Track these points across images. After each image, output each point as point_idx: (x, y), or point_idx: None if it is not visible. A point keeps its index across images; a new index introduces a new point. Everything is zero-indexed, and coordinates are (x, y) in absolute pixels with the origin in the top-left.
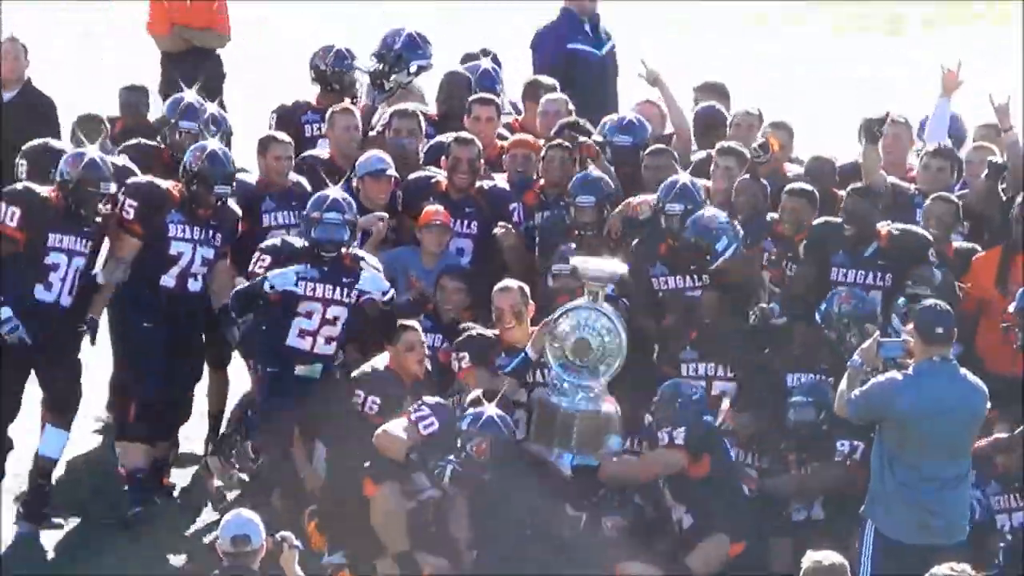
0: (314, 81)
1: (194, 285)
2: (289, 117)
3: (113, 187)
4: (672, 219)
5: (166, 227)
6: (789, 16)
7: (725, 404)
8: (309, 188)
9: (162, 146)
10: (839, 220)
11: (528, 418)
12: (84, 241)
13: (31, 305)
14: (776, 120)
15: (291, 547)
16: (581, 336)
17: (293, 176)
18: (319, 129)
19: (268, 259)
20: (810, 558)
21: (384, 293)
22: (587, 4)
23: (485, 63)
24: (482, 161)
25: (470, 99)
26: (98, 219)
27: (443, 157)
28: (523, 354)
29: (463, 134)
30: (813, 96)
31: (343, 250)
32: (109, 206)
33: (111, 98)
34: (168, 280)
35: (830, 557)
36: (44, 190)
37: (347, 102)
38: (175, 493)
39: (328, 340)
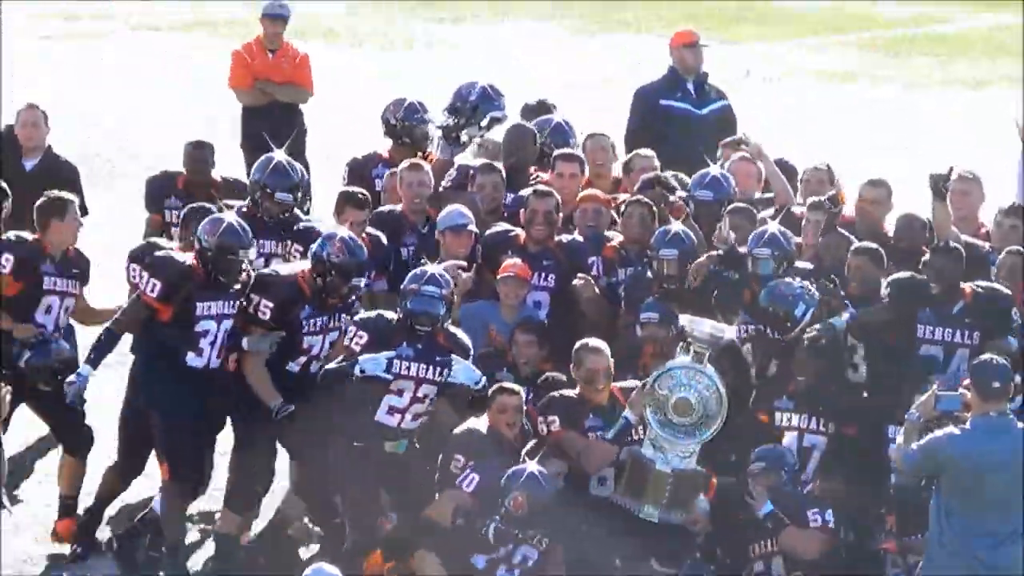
0: (386, 135)
1: (315, 366)
2: (361, 171)
3: (253, 253)
4: (758, 263)
5: (300, 323)
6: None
7: (814, 461)
8: (385, 242)
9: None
10: (924, 277)
11: (617, 473)
12: (231, 303)
13: (182, 371)
14: (874, 178)
15: None
16: (683, 396)
17: (369, 230)
18: None
19: (365, 337)
20: None
21: (476, 383)
22: (690, 63)
23: (556, 117)
24: (560, 215)
25: (555, 155)
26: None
27: (521, 210)
28: (624, 419)
29: (541, 187)
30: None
31: (437, 325)
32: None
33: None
34: (294, 366)
35: None
36: (186, 258)
37: (418, 156)
38: None
39: (415, 417)
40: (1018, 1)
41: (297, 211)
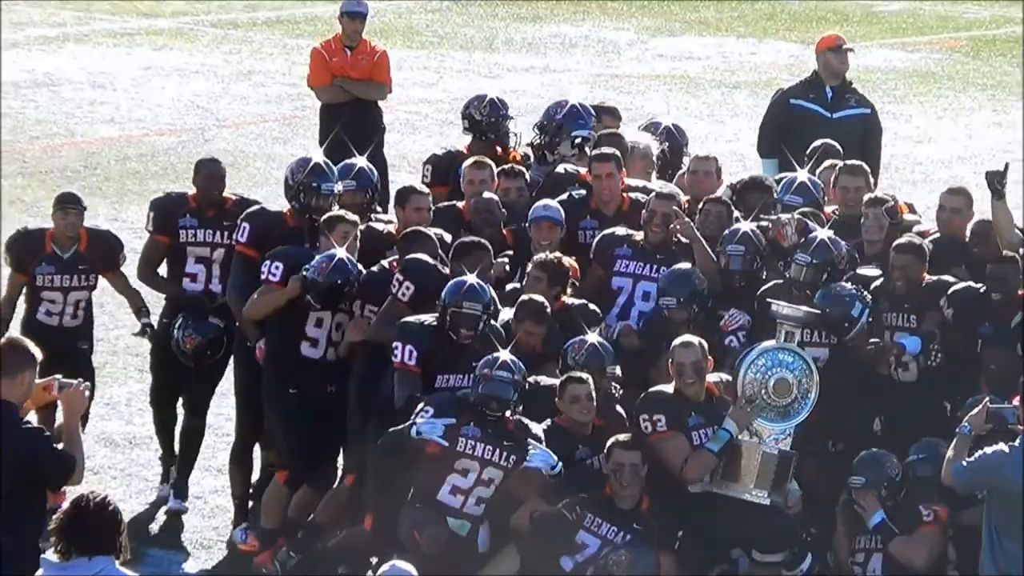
0: (466, 130)
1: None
2: (446, 168)
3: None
4: (800, 270)
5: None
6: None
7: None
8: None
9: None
10: (981, 287)
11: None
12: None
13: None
14: (953, 186)
15: None
16: (782, 376)
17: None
18: None
19: (432, 410)
20: None
21: (553, 468)
22: (835, 67)
23: (572, 99)
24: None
25: (591, 155)
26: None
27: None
28: (727, 434)
29: (662, 189)
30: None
31: (508, 412)
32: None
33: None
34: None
35: None
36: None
37: (499, 154)
38: None
39: (479, 501)
40: None
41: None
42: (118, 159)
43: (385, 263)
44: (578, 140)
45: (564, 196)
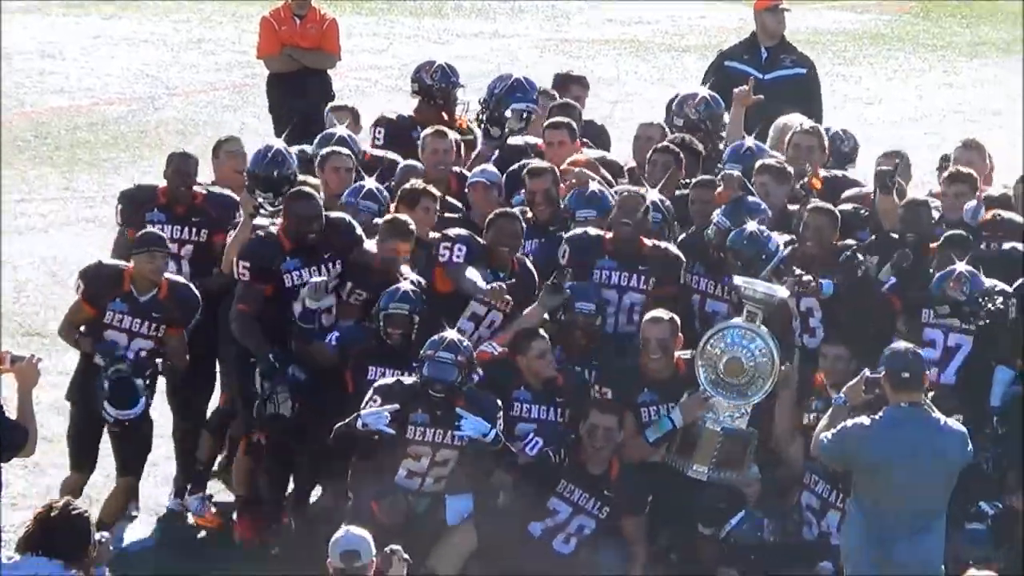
0: (416, 94)
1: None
2: (400, 133)
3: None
4: (715, 231)
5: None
6: None
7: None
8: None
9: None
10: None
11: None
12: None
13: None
14: (889, 150)
15: (401, 560)
16: (734, 356)
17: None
18: None
19: (379, 399)
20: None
21: (486, 435)
22: (770, 27)
23: (516, 73)
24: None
25: (545, 124)
26: None
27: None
28: (670, 423)
29: (535, 164)
30: None
31: (453, 392)
32: None
33: None
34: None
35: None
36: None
37: (442, 123)
38: None
39: (437, 480)
40: None
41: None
42: (68, 129)
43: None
44: (524, 113)
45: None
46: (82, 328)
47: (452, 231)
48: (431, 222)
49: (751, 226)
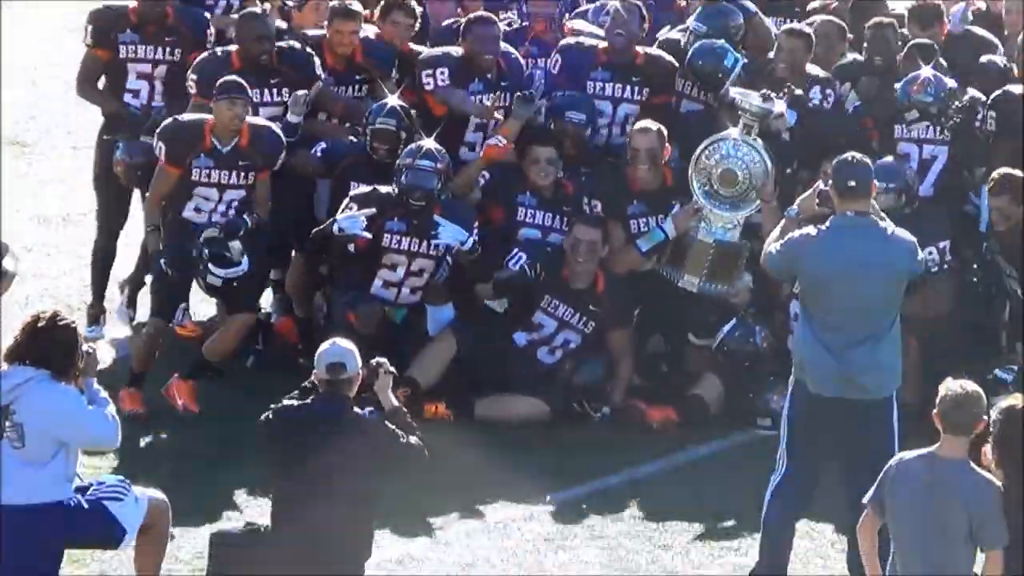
0: None
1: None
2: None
3: None
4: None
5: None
6: None
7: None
8: None
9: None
10: None
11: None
12: None
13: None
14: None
15: (387, 373)
16: (729, 167)
17: None
18: None
19: (355, 206)
20: (947, 387)
21: (464, 243)
22: None
23: None
24: None
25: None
26: None
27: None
28: (662, 233)
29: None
30: None
31: (432, 200)
32: None
33: None
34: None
35: (966, 385)
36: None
37: None
38: None
39: (413, 291)
40: None
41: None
42: None
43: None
44: None
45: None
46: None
47: (426, 55)
48: (405, 36)
49: (708, 43)
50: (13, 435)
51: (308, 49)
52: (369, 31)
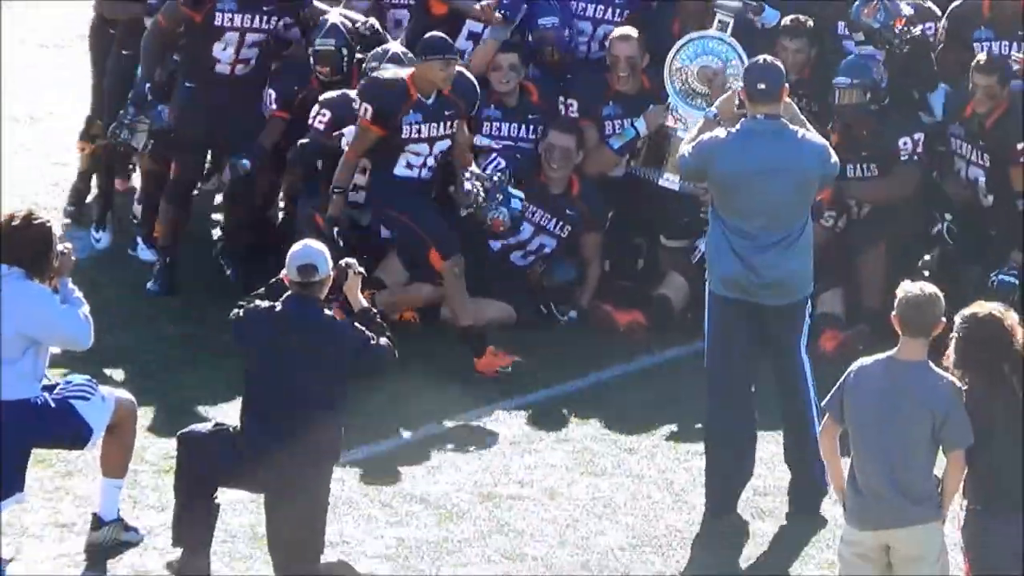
0: None
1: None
2: None
3: None
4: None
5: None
6: None
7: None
8: None
9: None
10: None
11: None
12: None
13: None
14: None
15: (356, 273)
16: (705, 64)
17: None
18: None
19: (328, 115)
20: (904, 289)
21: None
22: None
23: None
24: None
25: None
26: None
27: None
28: (634, 131)
29: None
30: None
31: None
32: None
33: None
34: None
35: (925, 287)
36: None
37: None
38: None
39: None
40: None
41: None
42: None
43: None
44: None
45: None
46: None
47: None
48: None
49: None
50: None
51: None
52: None
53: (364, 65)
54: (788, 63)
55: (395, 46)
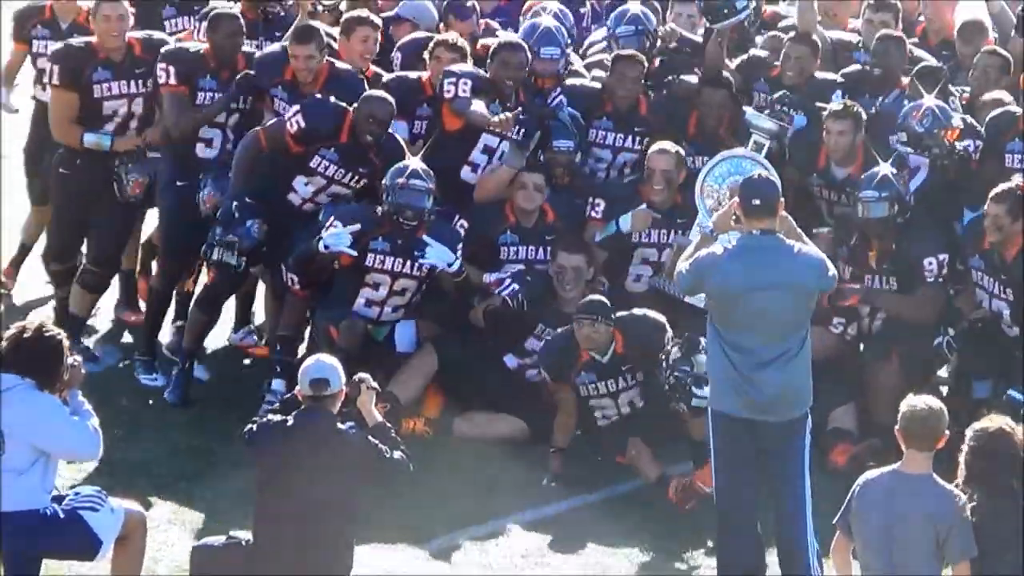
0: None
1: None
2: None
3: None
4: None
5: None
6: None
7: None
8: None
9: None
10: None
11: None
12: None
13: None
14: None
15: (369, 388)
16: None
17: None
18: None
19: (340, 224)
20: (908, 403)
21: (450, 265)
22: None
23: None
24: None
25: None
26: None
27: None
28: (615, 226)
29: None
30: None
31: (423, 219)
32: None
33: None
34: None
35: (929, 401)
36: None
37: None
38: None
39: (395, 309)
40: None
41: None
42: None
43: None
44: None
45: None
46: None
47: (455, 67)
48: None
49: None
50: None
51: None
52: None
53: (385, 181)
54: (831, 146)
55: (415, 162)
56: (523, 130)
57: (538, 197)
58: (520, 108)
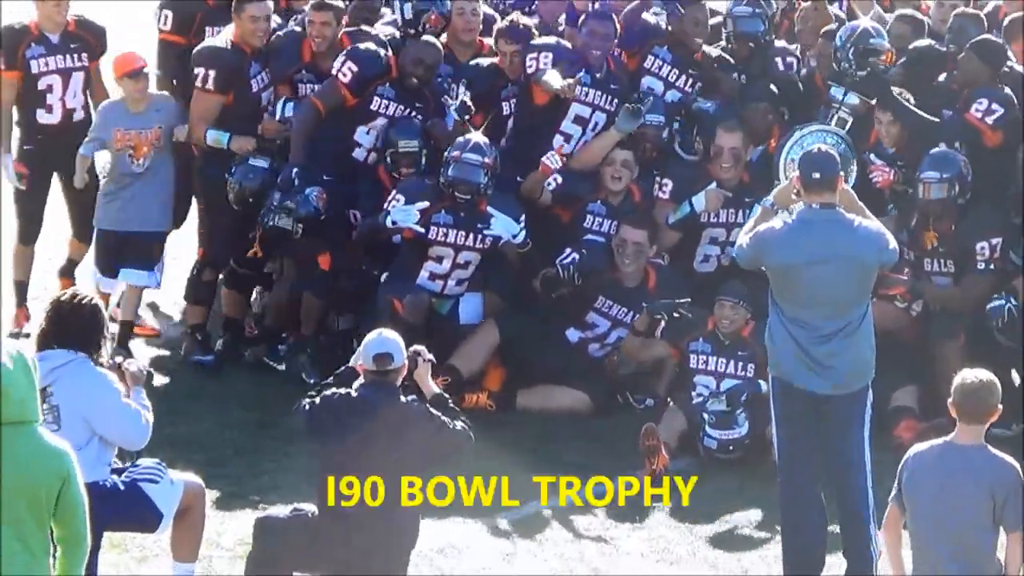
0: None
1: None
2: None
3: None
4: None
5: None
6: None
7: None
8: None
9: None
10: None
11: None
12: None
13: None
14: None
15: (425, 361)
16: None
17: None
18: None
19: (402, 198)
20: (962, 376)
21: (515, 236)
22: None
23: None
24: None
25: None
26: None
27: None
28: (689, 206)
29: None
30: None
31: (478, 194)
32: None
33: None
34: None
35: (981, 375)
36: None
37: None
38: None
39: (459, 282)
40: None
41: None
42: None
43: None
44: None
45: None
46: None
47: (538, 40)
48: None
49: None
50: (49, 417)
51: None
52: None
53: (446, 153)
54: (882, 135)
55: (477, 135)
56: (636, 95)
57: (625, 174)
58: (611, 85)
